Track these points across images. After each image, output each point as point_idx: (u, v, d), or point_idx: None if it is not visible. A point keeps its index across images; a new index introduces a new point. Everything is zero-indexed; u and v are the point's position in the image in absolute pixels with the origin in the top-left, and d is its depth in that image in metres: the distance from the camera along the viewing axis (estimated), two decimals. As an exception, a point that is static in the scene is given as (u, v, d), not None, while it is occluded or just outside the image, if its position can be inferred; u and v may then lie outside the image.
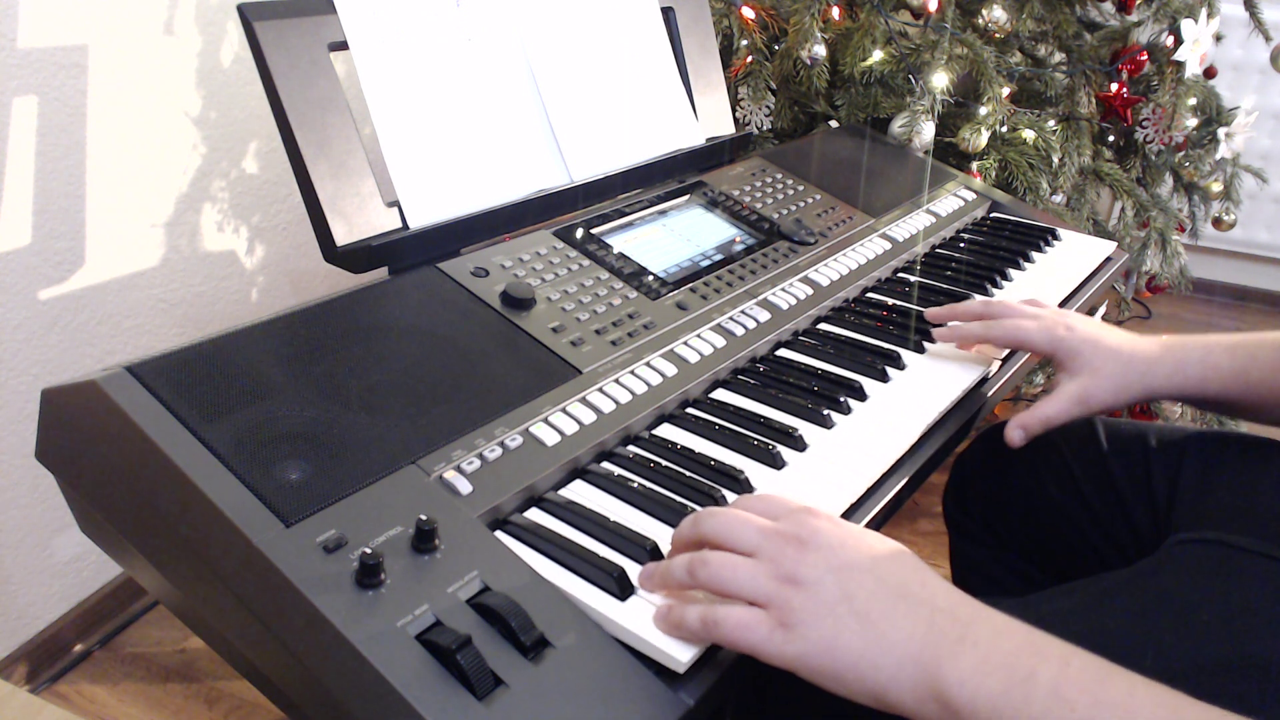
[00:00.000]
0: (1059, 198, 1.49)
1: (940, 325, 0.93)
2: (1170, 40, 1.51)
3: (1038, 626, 0.51)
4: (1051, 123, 1.47)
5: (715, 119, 1.14)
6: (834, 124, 1.50)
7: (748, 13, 1.48)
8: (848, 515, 0.69)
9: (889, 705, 0.49)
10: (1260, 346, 0.79)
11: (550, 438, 0.68)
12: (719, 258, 0.95)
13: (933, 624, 0.50)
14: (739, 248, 0.98)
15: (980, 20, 1.45)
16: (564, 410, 0.71)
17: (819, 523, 0.54)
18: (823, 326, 0.95)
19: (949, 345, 0.91)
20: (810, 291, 0.96)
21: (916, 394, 0.83)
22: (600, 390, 0.74)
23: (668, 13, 1.10)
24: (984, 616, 0.50)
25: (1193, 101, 1.53)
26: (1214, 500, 0.78)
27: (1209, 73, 1.69)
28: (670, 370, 0.79)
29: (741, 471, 0.69)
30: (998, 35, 1.46)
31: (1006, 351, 0.92)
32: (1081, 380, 0.81)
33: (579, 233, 0.90)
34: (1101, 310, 1.72)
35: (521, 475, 0.64)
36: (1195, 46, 1.48)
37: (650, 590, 0.57)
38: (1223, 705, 0.45)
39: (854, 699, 0.50)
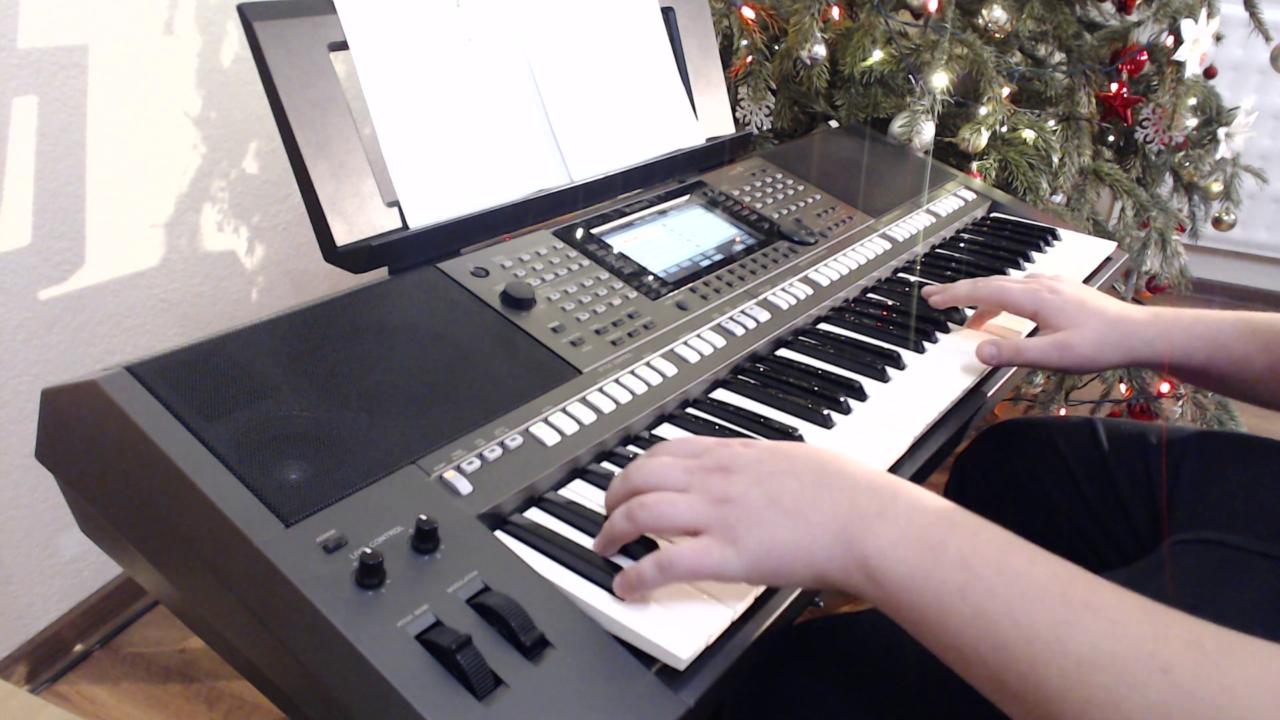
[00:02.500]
0: (1059, 198, 1.49)
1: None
2: (1170, 40, 1.51)
3: None
4: (1051, 123, 1.47)
5: (715, 119, 1.14)
6: (834, 124, 1.50)
7: (748, 13, 1.48)
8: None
9: (827, 582, 0.53)
10: (1248, 323, 0.80)
11: (550, 438, 0.68)
12: (719, 258, 0.95)
13: (854, 503, 0.54)
14: (739, 248, 0.98)
15: (980, 20, 1.45)
16: (564, 410, 0.71)
17: (736, 449, 0.58)
18: (823, 326, 0.95)
19: (949, 345, 0.91)
20: (810, 291, 0.96)
21: (916, 394, 0.83)
22: (600, 390, 0.74)
23: (668, 13, 1.10)
24: (904, 492, 0.54)
25: (1193, 101, 1.53)
26: (1213, 500, 0.78)
27: (1209, 73, 1.69)
28: (670, 370, 0.79)
29: (741, 471, 0.69)
30: (998, 35, 1.46)
31: (1030, 327, 0.92)
32: (1065, 331, 0.83)
33: (579, 233, 0.90)
34: (1101, 310, 1.71)
35: (521, 475, 0.64)
36: (1195, 46, 1.48)
37: (604, 553, 0.58)
38: None
39: (801, 585, 0.55)
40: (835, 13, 1.46)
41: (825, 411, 0.78)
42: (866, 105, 1.45)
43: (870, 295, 1.03)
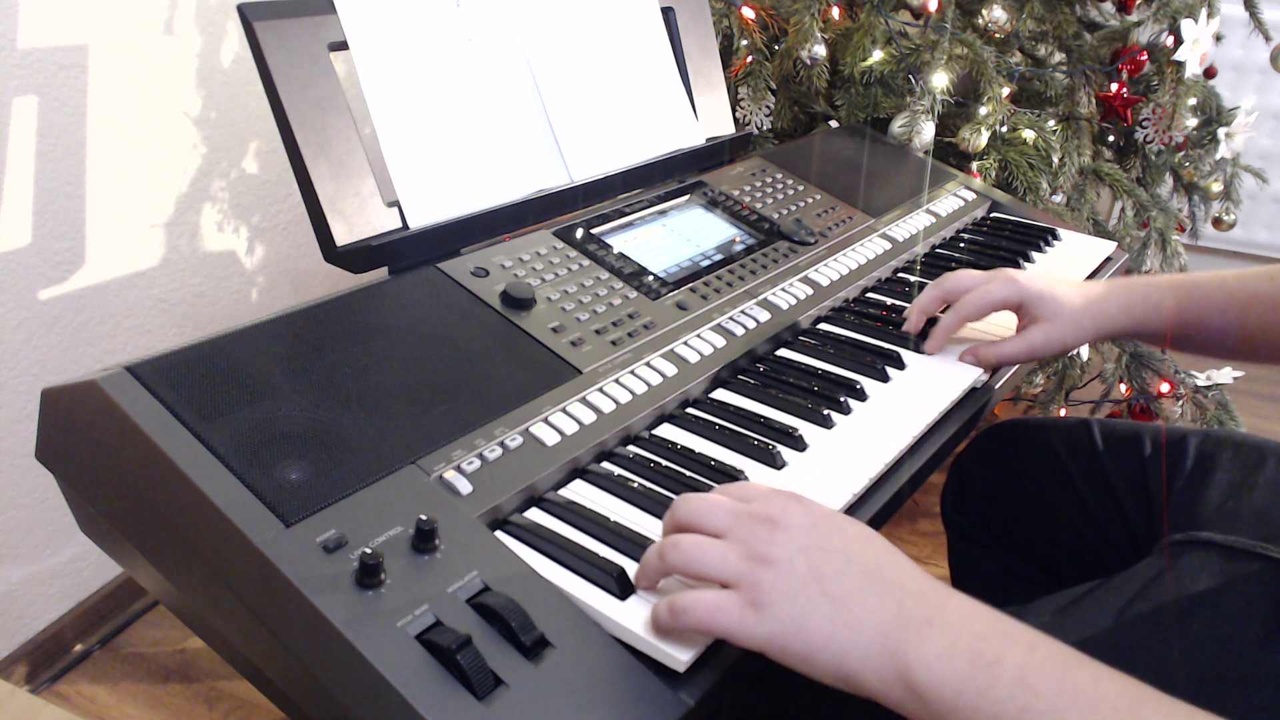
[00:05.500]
0: (1059, 198, 1.49)
1: (924, 336, 0.91)
2: (1170, 40, 1.51)
3: None
4: (1051, 123, 1.47)
5: (715, 119, 1.14)
6: (834, 124, 1.50)
7: (748, 13, 1.48)
8: (847, 514, 0.69)
9: (857, 687, 0.49)
10: (1199, 285, 0.83)
11: (550, 438, 0.68)
12: (719, 258, 0.95)
13: (901, 606, 0.49)
14: (739, 248, 0.98)
15: (980, 20, 1.45)
16: (564, 410, 0.71)
17: (790, 504, 0.54)
18: (823, 326, 0.95)
19: (949, 345, 0.91)
20: (810, 291, 0.96)
21: (916, 394, 0.83)
22: (600, 390, 0.74)
23: (668, 13, 1.10)
24: (953, 600, 0.50)
25: (1193, 101, 1.53)
26: (1209, 501, 0.79)
27: (1209, 73, 1.69)
28: (670, 370, 0.79)
29: (742, 471, 0.69)
30: (998, 35, 1.46)
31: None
32: (1042, 325, 0.86)
33: (579, 233, 0.90)
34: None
35: (521, 475, 0.64)
36: (1195, 46, 1.48)
37: (638, 585, 0.57)
38: (1219, 711, 0.45)
39: (823, 681, 0.50)
40: (835, 13, 1.46)
41: (825, 411, 0.78)
42: (866, 105, 1.45)
43: (870, 295, 1.03)
